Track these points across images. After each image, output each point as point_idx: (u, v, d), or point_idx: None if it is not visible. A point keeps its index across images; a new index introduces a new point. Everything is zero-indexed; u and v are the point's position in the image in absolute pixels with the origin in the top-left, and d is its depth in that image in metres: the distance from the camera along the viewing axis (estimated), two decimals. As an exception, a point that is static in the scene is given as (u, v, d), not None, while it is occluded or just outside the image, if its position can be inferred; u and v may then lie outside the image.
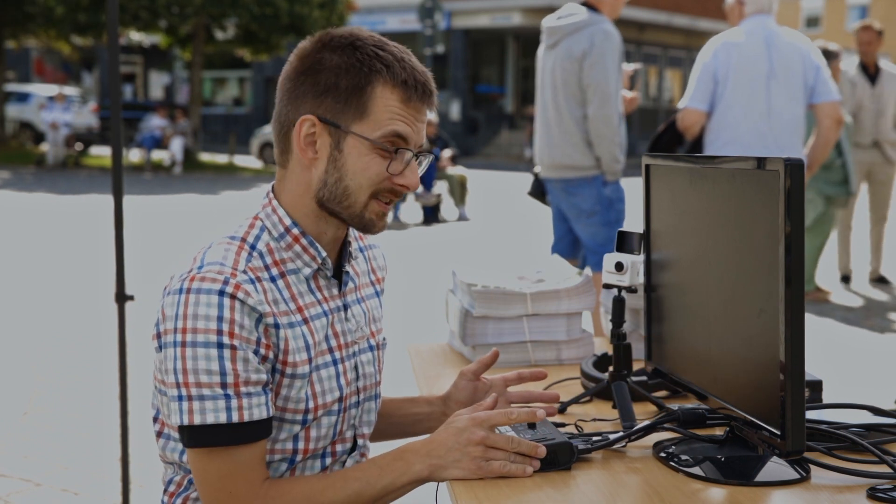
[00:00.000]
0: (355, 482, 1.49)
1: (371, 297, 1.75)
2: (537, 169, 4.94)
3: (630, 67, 4.79)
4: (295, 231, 1.57)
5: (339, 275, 1.65)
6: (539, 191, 5.05)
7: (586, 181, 4.61)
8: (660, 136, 5.20)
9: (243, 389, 1.46)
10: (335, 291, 1.63)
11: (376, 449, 1.70)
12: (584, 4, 4.61)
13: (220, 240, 1.56)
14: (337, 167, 1.55)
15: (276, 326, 1.51)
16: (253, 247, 1.55)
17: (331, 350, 1.60)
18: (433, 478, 1.51)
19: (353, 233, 1.73)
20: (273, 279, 1.54)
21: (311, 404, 1.56)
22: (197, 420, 1.45)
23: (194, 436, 1.46)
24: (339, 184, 1.55)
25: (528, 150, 28.58)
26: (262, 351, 1.49)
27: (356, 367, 1.66)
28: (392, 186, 1.56)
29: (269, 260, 1.56)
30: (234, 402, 1.45)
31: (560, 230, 4.90)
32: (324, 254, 1.59)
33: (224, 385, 1.45)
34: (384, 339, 1.77)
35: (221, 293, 1.46)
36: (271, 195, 1.61)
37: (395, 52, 1.56)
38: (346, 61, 1.53)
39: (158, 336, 1.51)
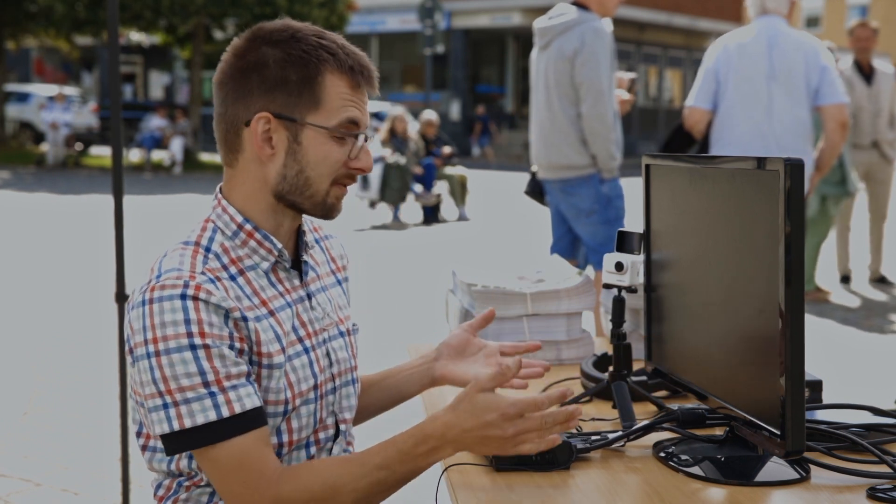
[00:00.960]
0: (377, 471, 1.46)
1: (333, 285, 1.75)
2: (534, 168, 4.95)
3: (627, 76, 4.79)
4: (248, 227, 1.58)
5: (297, 266, 1.66)
6: (536, 190, 5.06)
7: (584, 180, 4.61)
8: (672, 135, 5.24)
9: (226, 384, 1.46)
10: (296, 282, 1.64)
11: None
12: (573, 4, 4.62)
13: (175, 247, 1.57)
14: (297, 159, 1.56)
15: (245, 319, 1.51)
16: (208, 249, 1.56)
17: (300, 339, 1.61)
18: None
19: (308, 224, 1.74)
20: (233, 277, 1.55)
21: (288, 394, 1.57)
22: (188, 423, 1.45)
23: (190, 438, 1.46)
24: (300, 175, 1.57)
25: (476, 149, 28.76)
26: (237, 345, 1.49)
27: (328, 354, 1.66)
28: (349, 171, 1.59)
29: (225, 259, 1.56)
30: (220, 398, 1.45)
31: (559, 231, 4.90)
32: (279, 245, 1.60)
33: (206, 384, 1.45)
34: (354, 325, 1.77)
35: (183, 297, 1.46)
36: (220, 196, 1.62)
37: (336, 39, 1.59)
38: (292, 54, 1.54)
39: (131, 351, 1.51)
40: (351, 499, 1.46)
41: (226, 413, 1.45)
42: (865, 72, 7.94)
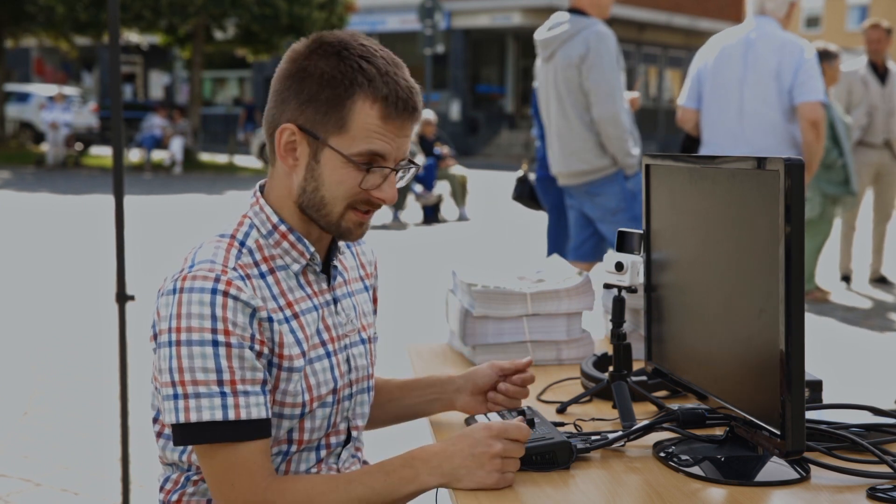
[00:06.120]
0: (359, 487, 1.47)
1: (360, 291, 1.76)
2: (520, 173, 4.98)
3: (631, 95, 4.83)
4: (282, 228, 1.59)
5: (327, 269, 1.66)
6: (524, 194, 5.08)
7: (608, 179, 4.66)
8: (687, 136, 5.34)
9: (240, 388, 1.47)
10: (324, 286, 1.65)
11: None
12: (570, 10, 4.65)
13: (211, 238, 1.58)
14: (314, 177, 1.55)
15: (270, 320, 1.52)
16: (242, 243, 1.57)
17: (323, 343, 1.61)
18: (444, 486, 1.49)
19: None
20: (262, 275, 1.56)
21: (306, 397, 1.57)
22: (193, 417, 1.46)
23: (192, 433, 1.47)
24: (316, 193, 1.56)
25: (241, 135, 28.65)
26: (257, 347, 1.50)
27: (348, 360, 1.67)
28: (369, 198, 1.56)
29: (258, 256, 1.57)
30: (230, 400, 1.46)
31: (583, 234, 4.90)
32: (312, 249, 1.61)
33: (220, 382, 1.46)
34: (375, 333, 1.78)
35: (214, 291, 1.47)
36: (258, 194, 1.63)
37: (381, 64, 1.54)
38: (330, 71, 1.52)
39: (155, 337, 1.52)
40: None
41: (232, 416, 1.46)
42: (879, 72, 7.96)
